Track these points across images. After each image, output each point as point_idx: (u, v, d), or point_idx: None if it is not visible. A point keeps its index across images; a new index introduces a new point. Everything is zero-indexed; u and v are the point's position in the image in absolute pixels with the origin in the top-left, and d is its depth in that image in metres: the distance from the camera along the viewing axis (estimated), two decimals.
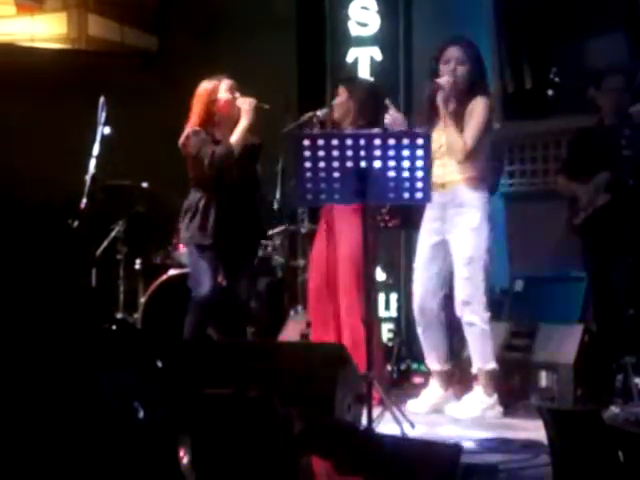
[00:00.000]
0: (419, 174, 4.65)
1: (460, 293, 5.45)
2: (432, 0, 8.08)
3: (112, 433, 3.10)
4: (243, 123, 5.82)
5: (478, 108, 5.45)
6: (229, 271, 6.03)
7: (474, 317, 5.42)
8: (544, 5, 7.96)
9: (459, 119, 5.48)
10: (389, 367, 6.49)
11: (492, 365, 5.42)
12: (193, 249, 5.94)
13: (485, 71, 5.63)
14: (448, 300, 5.58)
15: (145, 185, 7.37)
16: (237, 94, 5.90)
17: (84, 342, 3.29)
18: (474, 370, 5.47)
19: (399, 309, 7.35)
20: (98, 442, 3.08)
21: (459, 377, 5.77)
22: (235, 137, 5.80)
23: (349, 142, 4.63)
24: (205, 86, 5.93)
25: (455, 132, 5.41)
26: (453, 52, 5.52)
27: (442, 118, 5.46)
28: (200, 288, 5.84)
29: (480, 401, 5.39)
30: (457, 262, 5.47)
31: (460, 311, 5.46)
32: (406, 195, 4.72)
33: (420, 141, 4.64)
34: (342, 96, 5.93)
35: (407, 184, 4.68)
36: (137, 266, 7.39)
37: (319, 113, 5.85)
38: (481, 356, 5.44)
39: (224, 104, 5.89)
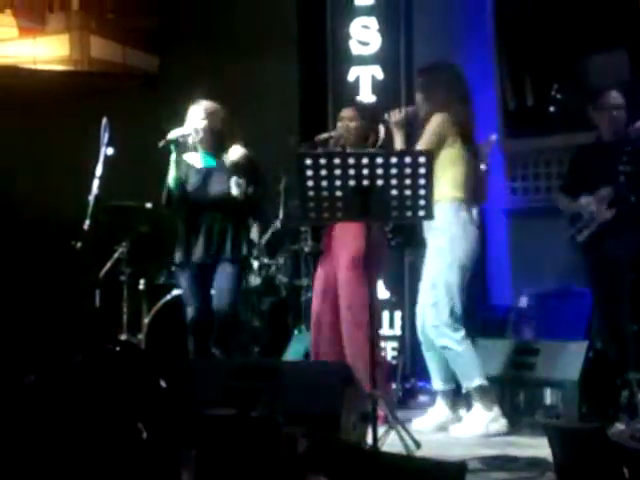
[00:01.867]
0: (421, 192, 4.65)
1: (428, 318, 5.46)
2: (433, 18, 8.10)
3: (116, 453, 3.10)
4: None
5: (425, 131, 5.52)
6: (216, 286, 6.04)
7: (445, 340, 5.43)
8: (545, 22, 7.98)
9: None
10: (394, 385, 6.47)
11: (478, 381, 5.39)
12: (179, 268, 6.08)
13: (445, 95, 5.62)
14: None
15: (148, 205, 7.37)
16: (199, 123, 5.95)
17: (87, 363, 3.29)
18: (463, 390, 5.47)
19: (403, 327, 7.34)
20: (102, 463, 3.08)
21: (462, 394, 5.76)
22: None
23: (351, 161, 4.64)
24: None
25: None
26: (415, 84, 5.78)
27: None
28: (188, 308, 5.97)
29: (481, 417, 5.38)
30: (423, 286, 5.50)
31: (432, 335, 5.47)
32: (409, 213, 4.72)
33: (422, 159, 4.64)
34: (356, 122, 5.93)
35: (409, 202, 4.68)
36: (141, 287, 7.39)
37: (334, 134, 5.88)
38: (463, 376, 5.44)
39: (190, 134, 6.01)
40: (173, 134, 5.93)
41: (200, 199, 5.97)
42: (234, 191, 5.82)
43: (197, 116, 6.00)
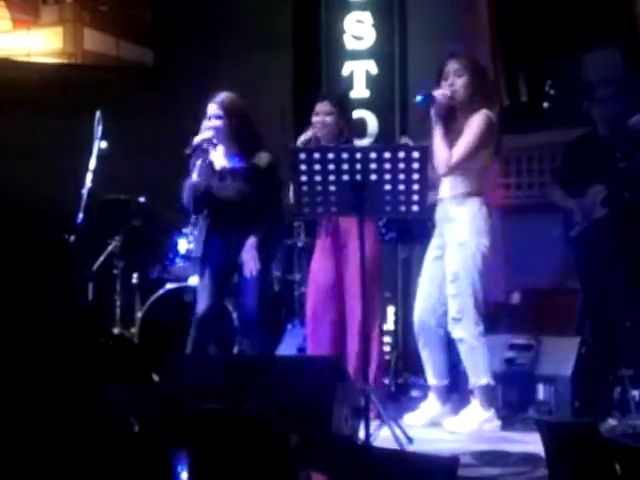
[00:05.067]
0: (415, 187, 4.66)
1: (450, 310, 5.45)
2: (427, 13, 8.10)
3: (108, 448, 3.10)
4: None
5: (474, 123, 5.43)
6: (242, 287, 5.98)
7: (463, 333, 5.41)
8: (540, 18, 7.97)
9: (459, 132, 5.47)
10: (387, 380, 6.48)
11: (485, 380, 5.40)
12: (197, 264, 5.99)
13: (486, 83, 5.59)
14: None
15: (142, 199, 7.37)
16: (206, 123, 5.82)
17: (79, 357, 3.28)
18: (470, 385, 5.47)
19: (397, 322, 7.34)
20: (94, 457, 3.07)
21: (458, 390, 5.76)
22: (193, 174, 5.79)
23: (345, 155, 4.64)
24: None
25: (442, 145, 5.38)
26: (450, 66, 5.51)
27: (434, 131, 5.45)
28: (198, 304, 5.87)
29: (477, 415, 5.38)
30: (447, 279, 5.47)
31: (451, 327, 5.46)
32: (402, 208, 4.73)
33: (416, 154, 4.64)
34: (333, 116, 5.88)
35: (403, 197, 4.68)
36: (134, 280, 7.39)
37: (310, 133, 5.77)
38: (473, 371, 5.43)
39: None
40: (196, 140, 5.73)
41: (222, 201, 5.84)
42: None
43: (214, 114, 5.82)
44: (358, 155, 4.63)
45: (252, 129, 5.93)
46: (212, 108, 5.84)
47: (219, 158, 5.90)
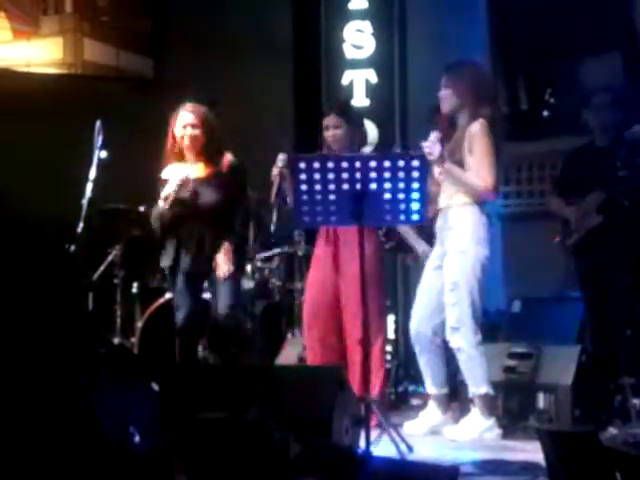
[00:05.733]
0: (415, 196, 4.65)
1: (449, 319, 5.45)
2: (427, 22, 8.11)
3: (108, 458, 3.09)
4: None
5: (478, 140, 5.43)
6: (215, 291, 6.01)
7: (462, 342, 5.41)
8: (540, 27, 7.99)
9: (461, 135, 5.48)
10: (387, 389, 6.47)
11: (484, 389, 5.39)
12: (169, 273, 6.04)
13: (475, 90, 5.58)
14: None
15: (142, 209, 7.36)
16: (187, 131, 5.88)
17: (80, 366, 3.28)
18: (469, 394, 5.46)
19: (397, 331, 7.34)
20: (93, 467, 3.07)
21: (458, 398, 5.75)
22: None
23: (345, 164, 4.63)
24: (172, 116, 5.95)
25: (467, 176, 5.41)
26: (443, 79, 5.59)
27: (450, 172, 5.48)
28: (177, 314, 5.90)
29: (478, 424, 5.37)
30: (445, 287, 5.47)
31: (449, 336, 5.45)
32: (402, 217, 4.72)
33: (416, 163, 4.63)
34: (343, 128, 5.90)
35: (403, 206, 4.67)
36: (134, 290, 7.39)
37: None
38: (472, 381, 5.42)
39: (180, 139, 5.92)
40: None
41: (191, 208, 5.84)
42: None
43: (189, 122, 5.89)
44: (358, 164, 4.62)
45: (219, 140, 5.98)
46: (187, 117, 5.91)
47: (186, 167, 5.93)
